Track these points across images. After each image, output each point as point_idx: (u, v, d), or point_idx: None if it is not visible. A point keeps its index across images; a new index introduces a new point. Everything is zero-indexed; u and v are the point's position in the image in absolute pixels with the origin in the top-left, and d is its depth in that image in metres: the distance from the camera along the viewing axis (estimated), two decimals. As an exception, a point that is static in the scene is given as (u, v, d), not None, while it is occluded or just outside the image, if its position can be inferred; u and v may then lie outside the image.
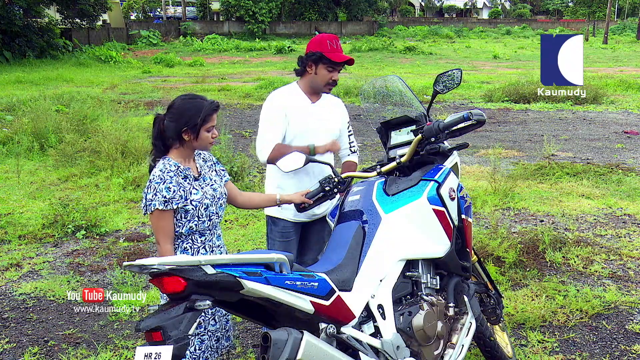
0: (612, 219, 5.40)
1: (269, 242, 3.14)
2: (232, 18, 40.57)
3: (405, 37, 40.29)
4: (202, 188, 2.40)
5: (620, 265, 4.39)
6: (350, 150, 3.18)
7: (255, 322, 2.29)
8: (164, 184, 2.29)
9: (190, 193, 2.35)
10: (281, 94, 3.02)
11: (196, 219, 2.37)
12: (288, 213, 2.99)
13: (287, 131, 2.96)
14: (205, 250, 2.43)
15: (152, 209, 2.29)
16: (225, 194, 2.51)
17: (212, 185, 2.45)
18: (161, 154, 2.39)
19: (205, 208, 2.38)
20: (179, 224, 2.35)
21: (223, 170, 2.58)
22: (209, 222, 2.42)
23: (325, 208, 3.03)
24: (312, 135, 2.96)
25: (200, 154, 2.52)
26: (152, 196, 2.29)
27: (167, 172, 2.32)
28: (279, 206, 2.79)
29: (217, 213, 2.45)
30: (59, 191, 6.52)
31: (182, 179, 2.35)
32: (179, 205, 2.32)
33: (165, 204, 2.28)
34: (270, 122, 2.94)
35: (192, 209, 2.35)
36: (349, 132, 3.18)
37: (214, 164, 2.56)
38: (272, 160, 2.91)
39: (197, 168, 2.45)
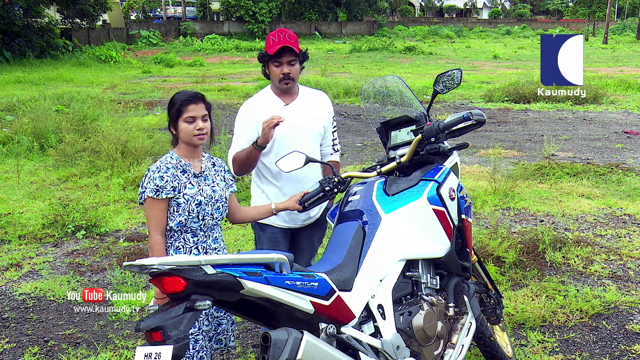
0: (612, 219, 5.40)
1: (257, 249, 3.03)
2: (232, 18, 40.57)
3: (405, 37, 40.29)
4: (200, 185, 2.40)
5: (620, 265, 4.39)
6: (333, 149, 3.03)
7: (255, 322, 2.29)
8: (158, 172, 2.33)
9: (185, 187, 2.36)
10: (251, 102, 2.87)
11: (186, 213, 2.36)
12: (275, 219, 2.87)
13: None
14: (198, 251, 2.42)
15: (145, 197, 2.32)
16: (226, 199, 2.49)
17: (212, 186, 2.44)
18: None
19: (197, 204, 2.37)
20: (171, 217, 2.36)
21: (232, 180, 2.57)
22: (201, 222, 2.40)
23: (314, 213, 2.96)
24: (291, 139, 2.79)
25: (211, 158, 2.53)
26: (146, 184, 2.33)
27: (166, 164, 2.36)
28: (275, 215, 2.69)
29: (211, 214, 2.42)
30: (59, 191, 6.52)
31: (180, 172, 2.38)
32: (170, 196, 2.32)
33: (157, 192, 2.30)
34: (237, 135, 2.80)
35: (184, 202, 2.35)
36: (333, 128, 3.01)
37: (224, 171, 2.55)
38: (239, 172, 2.80)
39: (200, 167, 2.45)
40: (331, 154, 3.02)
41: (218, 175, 2.51)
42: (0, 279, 4.34)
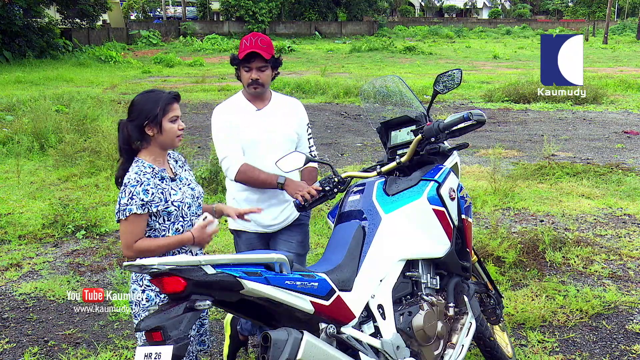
0: (612, 219, 5.40)
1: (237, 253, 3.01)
2: (232, 18, 40.57)
3: (405, 37, 40.29)
4: (180, 189, 2.31)
5: (620, 265, 4.39)
6: (311, 155, 2.97)
7: (255, 322, 2.29)
8: (140, 186, 2.17)
9: (170, 194, 2.25)
10: (223, 107, 2.87)
11: (181, 219, 2.27)
12: (249, 225, 2.84)
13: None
14: (192, 251, 2.36)
15: (128, 214, 2.15)
16: (202, 192, 2.43)
17: (189, 185, 2.37)
18: (130, 160, 2.27)
19: (188, 207, 2.30)
20: (163, 228, 2.24)
21: (191, 170, 2.50)
22: (193, 223, 2.33)
23: (278, 221, 2.89)
24: (264, 145, 2.78)
25: (170, 154, 2.41)
26: (128, 200, 2.15)
27: (144, 174, 2.20)
28: (215, 217, 2.59)
29: (196, 213, 2.36)
30: (59, 191, 6.52)
31: (159, 180, 2.24)
32: (159, 208, 2.20)
33: (143, 207, 2.16)
34: (223, 141, 2.77)
35: (175, 209, 2.24)
36: (308, 135, 2.97)
37: (184, 163, 2.47)
38: (239, 180, 2.76)
39: (171, 169, 2.36)
40: None
41: (185, 171, 2.42)
42: (0, 279, 4.34)
